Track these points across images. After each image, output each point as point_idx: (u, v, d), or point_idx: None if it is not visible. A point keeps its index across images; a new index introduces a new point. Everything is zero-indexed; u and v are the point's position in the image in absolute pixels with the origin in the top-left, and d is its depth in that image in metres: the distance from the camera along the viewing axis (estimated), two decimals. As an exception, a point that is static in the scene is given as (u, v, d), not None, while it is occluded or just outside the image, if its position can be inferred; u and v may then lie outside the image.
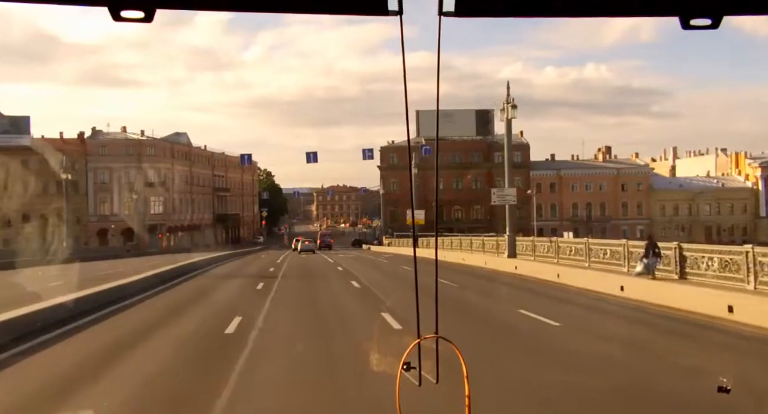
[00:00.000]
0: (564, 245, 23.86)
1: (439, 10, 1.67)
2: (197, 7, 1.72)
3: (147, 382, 7.74)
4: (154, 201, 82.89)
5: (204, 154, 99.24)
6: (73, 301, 13.49)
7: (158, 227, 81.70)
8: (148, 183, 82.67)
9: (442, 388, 2.07)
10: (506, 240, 28.94)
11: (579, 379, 7.61)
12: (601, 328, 12.43)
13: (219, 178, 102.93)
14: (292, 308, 15.42)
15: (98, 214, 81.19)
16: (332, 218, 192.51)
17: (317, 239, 76.15)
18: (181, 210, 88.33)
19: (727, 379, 2.85)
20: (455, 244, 41.66)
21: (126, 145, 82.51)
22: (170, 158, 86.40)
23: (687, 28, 1.63)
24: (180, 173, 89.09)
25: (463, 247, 39.23)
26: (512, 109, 27.75)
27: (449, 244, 44.53)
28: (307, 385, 7.58)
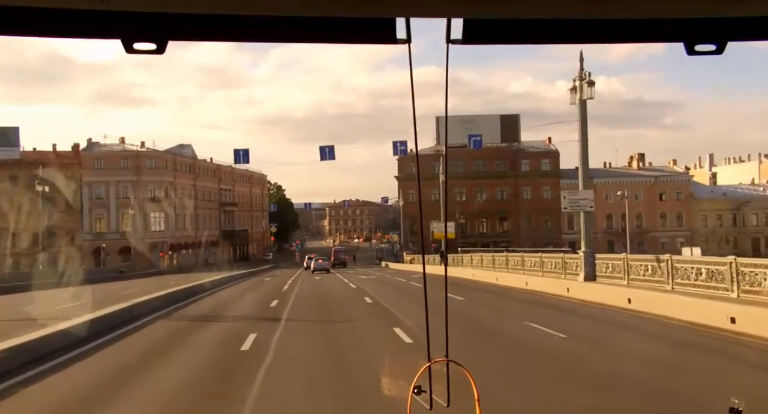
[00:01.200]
0: (685, 266, 16.89)
1: (447, 38, 1.70)
2: (208, 39, 1.79)
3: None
4: (155, 217, 76.93)
5: (209, 166, 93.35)
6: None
7: (159, 245, 75.66)
8: (148, 198, 76.85)
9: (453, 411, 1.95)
10: (581, 258, 22.24)
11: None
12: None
13: (226, 192, 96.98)
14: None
15: (94, 231, 75.24)
16: (345, 233, 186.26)
17: (331, 256, 69.83)
18: (185, 226, 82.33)
19: (738, 400, 2.49)
20: (499, 263, 34.86)
21: (123, 158, 76.74)
22: (172, 171, 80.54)
23: (692, 54, 1.65)
24: (183, 187, 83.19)
25: (510, 267, 32.51)
26: (588, 86, 20.88)
27: (485, 262, 38.02)
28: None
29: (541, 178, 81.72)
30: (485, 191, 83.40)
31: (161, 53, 1.64)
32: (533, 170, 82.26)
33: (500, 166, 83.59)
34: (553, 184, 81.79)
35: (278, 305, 20.63)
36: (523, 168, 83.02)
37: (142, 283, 37.00)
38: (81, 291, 25.79)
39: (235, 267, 66.28)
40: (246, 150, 28.41)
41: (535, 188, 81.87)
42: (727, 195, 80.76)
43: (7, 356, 9.59)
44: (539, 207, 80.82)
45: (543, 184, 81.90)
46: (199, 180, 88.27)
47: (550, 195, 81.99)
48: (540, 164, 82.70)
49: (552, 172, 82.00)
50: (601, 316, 16.07)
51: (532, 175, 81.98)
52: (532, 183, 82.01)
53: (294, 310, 18.89)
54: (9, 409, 7.97)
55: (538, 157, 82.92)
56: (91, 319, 14.38)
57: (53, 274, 45.47)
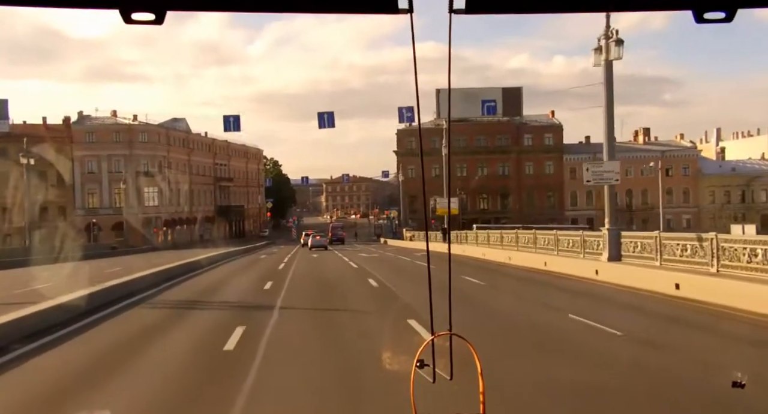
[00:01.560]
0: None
1: (449, 7, 1.68)
2: (207, 8, 1.74)
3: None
4: (149, 192, 74.93)
5: (204, 141, 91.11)
6: None
7: (153, 221, 73.78)
8: (142, 172, 74.78)
9: (456, 384, 1.97)
10: (605, 236, 20.35)
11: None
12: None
13: (221, 167, 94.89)
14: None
15: (86, 207, 73.29)
16: (342, 209, 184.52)
17: (328, 232, 68.06)
18: (179, 202, 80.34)
19: (741, 374, 2.55)
20: (508, 241, 32.94)
21: (115, 131, 74.49)
22: (166, 145, 78.35)
23: (701, 22, 1.63)
24: (177, 161, 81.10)
25: (521, 245, 30.61)
26: (616, 46, 18.56)
27: (493, 239, 36.13)
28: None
29: (543, 153, 79.78)
30: (486, 167, 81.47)
31: (160, 23, 1.59)
32: (536, 145, 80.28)
33: (502, 140, 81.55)
34: (556, 160, 79.94)
35: (272, 288, 18.39)
36: (526, 143, 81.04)
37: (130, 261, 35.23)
38: (58, 269, 23.75)
39: (230, 244, 64.50)
40: (237, 117, 25.86)
41: (538, 164, 79.97)
42: (737, 170, 78.94)
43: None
44: (542, 183, 79.04)
45: (546, 159, 79.98)
46: (194, 154, 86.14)
47: (553, 170, 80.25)
48: (543, 139, 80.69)
49: (555, 146, 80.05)
50: (655, 307, 13.44)
51: (534, 151, 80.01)
52: (534, 158, 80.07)
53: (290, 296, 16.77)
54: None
55: (541, 131, 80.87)
56: (38, 311, 11.45)
57: (42, 251, 43.71)
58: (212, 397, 6.87)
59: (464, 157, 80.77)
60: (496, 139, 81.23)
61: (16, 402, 7.03)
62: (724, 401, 6.08)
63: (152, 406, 6.77)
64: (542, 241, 28.63)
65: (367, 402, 6.68)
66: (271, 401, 6.78)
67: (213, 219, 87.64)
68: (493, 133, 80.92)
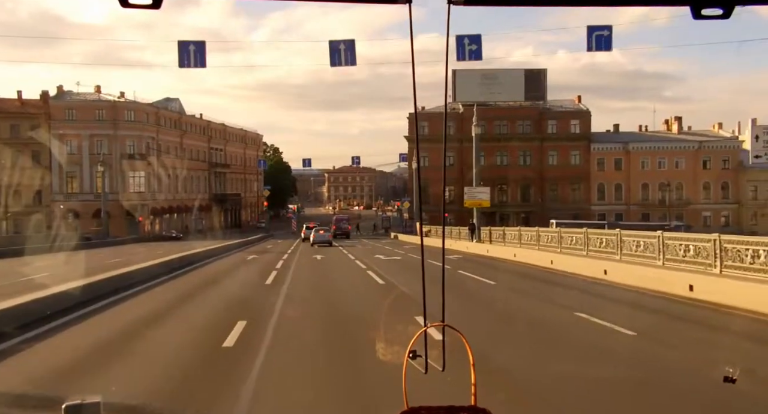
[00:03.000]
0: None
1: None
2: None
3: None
4: (134, 177, 68.02)
5: (198, 123, 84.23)
6: None
7: (138, 209, 66.87)
8: (127, 154, 67.90)
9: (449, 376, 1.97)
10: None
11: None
12: None
13: (217, 152, 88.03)
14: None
15: (65, 192, 66.41)
16: (345, 200, 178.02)
17: (331, 225, 61.16)
18: (169, 188, 73.50)
19: (733, 370, 2.53)
20: (547, 241, 26.05)
21: (98, 108, 67.53)
22: (155, 125, 71.41)
23: (698, 18, 1.64)
24: (168, 144, 74.24)
25: (565, 246, 23.82)
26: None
27: (526, 239, 29.21)
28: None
29: (569, 141, 72.72)
30: (506, 155, 74.51)
31: (157, 8, 1.57)
32: (561, 132, 73.22)
33: (524, 127, 74.49)
34: (582, 149, 72.99)
35: (238, 351, 8.66)
36: (550, 130, 73.97)
37: (82, 259, 28.39)
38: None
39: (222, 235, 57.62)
40: (201, 44, 17.21)
41: (563, 153, 72.95)
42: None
43: None
44: (566, 174, 72.07)
45: (571, 148, 72.94)
46: (187, 137, 79.26)
47: (579, 160, 73.32)
48: (569, 126, 73.59)
49: (582, 134, 73.02)
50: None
51: (559, 138, 72.97)
52: (559, 147, 73.03)
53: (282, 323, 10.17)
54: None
55: (566, 117, 73.78)
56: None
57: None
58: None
59: (482, 145, 73.46)
60: (517, 125, 74.19)
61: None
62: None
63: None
64: (597, 242, 21.83)
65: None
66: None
67: (207, 208, 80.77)
68: (514, 118, 73.89)
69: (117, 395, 6.26)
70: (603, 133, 75.39)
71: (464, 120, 74.83)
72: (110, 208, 65.22)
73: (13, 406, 6.10)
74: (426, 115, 74.18)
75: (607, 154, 72.76)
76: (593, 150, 72.68)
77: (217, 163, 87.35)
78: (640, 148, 72.10)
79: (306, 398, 6.33)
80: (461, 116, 74.68)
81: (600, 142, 72.91)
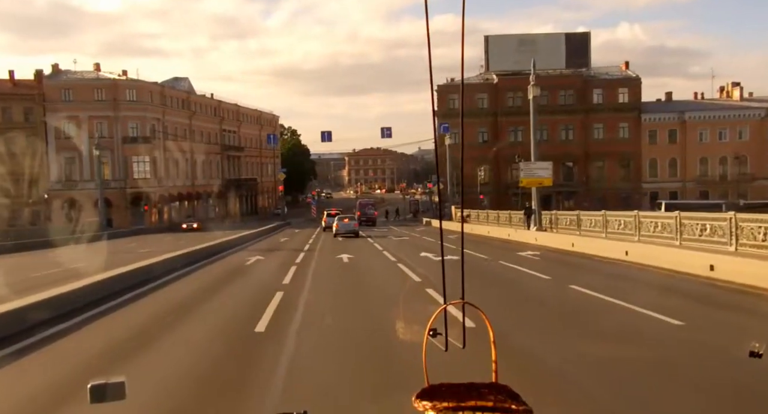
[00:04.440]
0: None
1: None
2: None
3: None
4: (138, 162, 62.03)
5: (209, 103, 77.98)
6: None
7: (144, 197, 61.04)
8: (129, 138, 61.93)
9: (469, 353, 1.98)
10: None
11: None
12: None
13: (230, 135, 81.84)
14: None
15: (63, 179, 60.66)
16: (366, 184, 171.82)
17: (355, 211, 54.67)
18: (178, 174, 67.56)
19: (759, 344, 2.33)
20: (617, 227, 20.02)
21: (97, 88, 61.41)
22: (160, 106, 65.25)
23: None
24: (175, 126, 68.12)
25: (644, 233, 17.80)
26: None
27: (587, 224, 23.01)
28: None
29: (617, 112, 65.29)
30: (546, 130, 67.16)
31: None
32: (607, 103, 65.79)
33: (565, 98, 67.17)
34: (632, 121, 65.57)
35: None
36: (595, 100, 66.60)
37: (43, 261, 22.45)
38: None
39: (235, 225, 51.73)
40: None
41: (610, 125, 65.56)
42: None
43: None
44: (614, 149, 64.77)
45: (619, 120, 65.51)
46: (196, 118, 73.08)
47: (629, 134, 65.98)
48: (616, 95, 66.11)
49: (631, 104, 65.56)
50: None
51: (605, 109, 65.56)
52: (605, 119, 65.62)
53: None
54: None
55: (613, 86, 66.28)
56: None
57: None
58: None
59: (518, 119, 66.47)
60: (558, 95, 66.86)
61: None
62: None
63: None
64: (695, 229, 15.46)
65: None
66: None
67: (220, 194, 74.87)
68: (554, 88, 66.42)
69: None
70: (654, 103, 67.86)
71: (499, 91, 67.74)
72: (113, 197, 59.54)
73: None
74: (456, 87, 67.09)
75: (659, 126, 65.26)
76: (644, 121, 65.23)
77: (231, 145, 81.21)
78: (697, 117, 64.48)
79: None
80: (495, 87, 67.61)
81: (652, 113, 65.43)
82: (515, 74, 67.07)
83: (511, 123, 66.89)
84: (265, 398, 5.78)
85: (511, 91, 67.18)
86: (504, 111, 66.88)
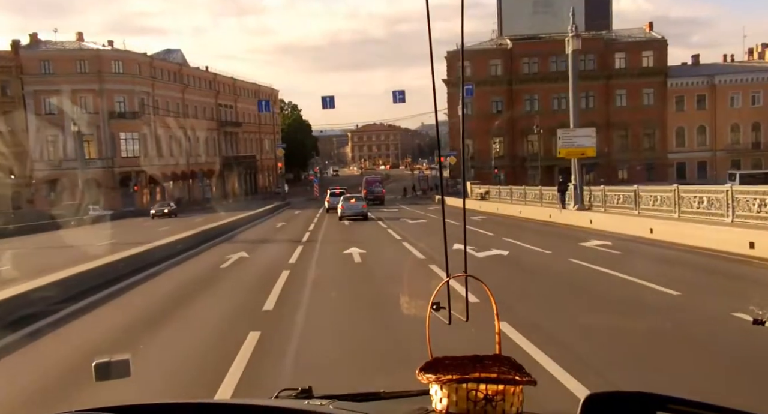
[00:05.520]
0: None
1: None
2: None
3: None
4: (125, 139, 57.62)
5: (204, 76, 73.34)
6: None
7: (133, 177, 56.80)
8: (116, 113, 57.47)
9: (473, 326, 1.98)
10: None
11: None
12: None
13: (227, 110, 77.28)
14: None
15: (46, 159, 56.37)
16: (370, 160, 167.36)
17: (361, 189, 50.34)
18: (170, 152, 63.21)
19: (762, 311, 2.33)
20: (648, 203, 15.60)
21: (80, 59, 56.78)
22: (149, 79, 60.65)
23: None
24: (167, 100, 63.62)
25: (686, 209, 13.71)
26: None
27: (613, 200, 18.79)
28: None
29: (640, 77, 60.47)
30: (564, 98, 62.36)
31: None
32: (630, 68, 60.95)
33: (585, 63, 62.00)
34: (657, 86, 60.80)
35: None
36: (617, 64, 61.76)
37: None
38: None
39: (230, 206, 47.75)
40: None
41: (633, 92, 60.78)
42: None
43: None
44: (638, 118, 60.14)
45: (643, 85, 60.74)
46: (190, 92, 68.51)
47: (654, 100, 61.25)
48: (640, 59, 61.21)
49: (656, 69, 60.72)
50: None
51: (628, 75, 60.75)
52: (628, 85, 60.82)
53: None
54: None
55: (637, 49, 61.35)
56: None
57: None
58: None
59: (534, 86, 62.02)
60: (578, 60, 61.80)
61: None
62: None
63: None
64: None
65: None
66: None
67: (217, 173, 70.54)
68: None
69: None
70: (681, 67, 62.99)
71: (514, 57, 62.80)
72: (100, 177, 55.29)
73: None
74: (468, 53, 62.25)
75: (687, 91, 60.46)
76: (670, 86, 60.47)
77: (227, 121, 76.69)
78: (728, 81, 59.64)
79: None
80: (510, 53, 62.71)
81: (678, 77, 60.60)
82: (531, 38, 62.32)
83: (527, 91, 62.30)
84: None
85: (527, 57, 62.50)
86: (519, 78, 62.11)
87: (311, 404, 1.64)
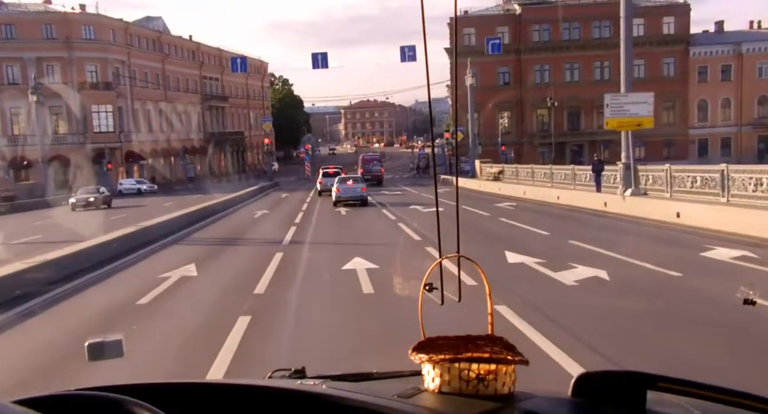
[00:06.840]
0: None
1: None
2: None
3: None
4: (98, 112, 52.45)
5: (186, 45, 67.99)
6: None
7: (107, 154, 51.70)
8: (87, 83, 52.25)
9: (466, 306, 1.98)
10: None
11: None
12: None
13: (211, 82, 72.05)
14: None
15: (9, 134, 51.24)
16: (364, 137, 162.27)
17: (358, 168, 45.59)
18: (150, 127, 58.12)
19: (753, 291, 2.33)
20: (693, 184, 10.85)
21: (45, 23, 51.38)
22: (124, 47, 55.34)
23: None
24: (144, 71, 58.37)
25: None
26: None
27: (651, 181, 14.30)
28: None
29: (660, 46, 55.60)
30: (578, 68, 57.84)
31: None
32: (650, 35, 55.99)
33: (600, 30, 57.33)
34: (679, 56, 56.02)
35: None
36: (635, 32, 56.38)
37: None
38: None
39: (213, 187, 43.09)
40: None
41: (652, 61, 55.89)
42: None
43: None
44: (657, 89, 54.41)
45: (663, 54, 55.92)
46: (170, 63, 63.23)
47: (675, 70, 56.47)
48: (660, 26, 56.28)
49: (678, 36, 55.87)
50: None
51: (647, 42, 55.72)
52: (647, 54, 55.81)
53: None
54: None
55: (657, 14, 56.37)
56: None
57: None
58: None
59: (544, 56, 57.13)
60: (592, 28, 57.10)
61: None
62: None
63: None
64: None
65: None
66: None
67: (201, 150, 65.61)
68: (588, 19, 56.77)
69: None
70: (704, 34, 58.10)
71: (523, 24, 57.71)
72: (71, 154, 50.26)
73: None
74: (472, 19, 57.24)
75: (711, 61, 55.67)
76: (692, 56, 55.67)
77: (213, 95, 71.51)
78: (757, 49, 54.82)
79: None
80: (518, 19, 57.57)
81: (701, 45, 55.75)
82: (541, 3, 57.29)
83: (537, 60, 57.35)
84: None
85: (537, 24, 57.41)
86: (529, 47, 57.10)
87: (304, 384, 1.62)
